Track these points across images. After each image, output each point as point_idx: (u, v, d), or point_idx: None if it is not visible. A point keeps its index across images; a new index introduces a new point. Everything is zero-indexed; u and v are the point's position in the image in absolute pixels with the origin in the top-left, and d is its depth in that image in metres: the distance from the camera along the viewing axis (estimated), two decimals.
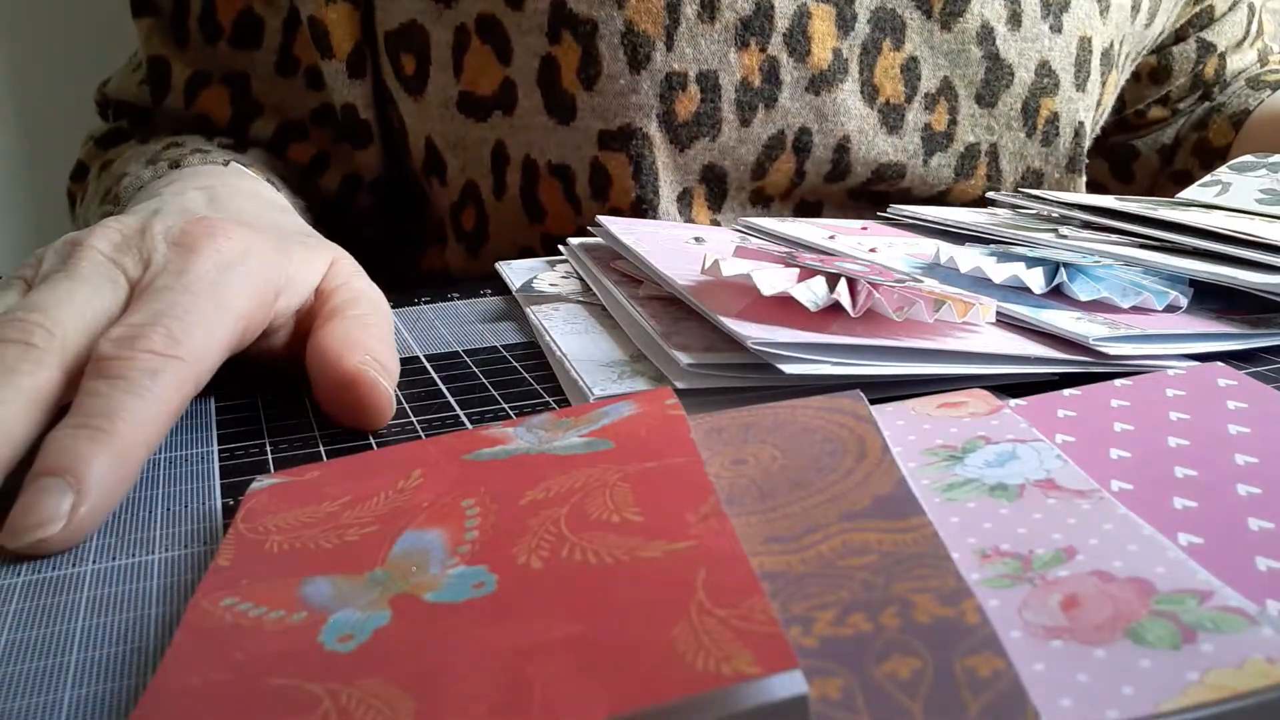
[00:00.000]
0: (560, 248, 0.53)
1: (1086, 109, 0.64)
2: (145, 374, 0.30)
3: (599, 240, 0.51)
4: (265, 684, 0.18)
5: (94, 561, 0.27)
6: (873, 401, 0.29)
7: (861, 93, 0.58)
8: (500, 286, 0.53)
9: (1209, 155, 0.74)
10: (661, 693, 0.16)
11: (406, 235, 0.69)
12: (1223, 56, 0.76)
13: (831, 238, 0.49)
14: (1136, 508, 0.23)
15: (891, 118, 0.59)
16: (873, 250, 0.47)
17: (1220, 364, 0.31)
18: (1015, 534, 0.22)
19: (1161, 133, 0.78)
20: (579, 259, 0.50)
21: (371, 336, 0.36)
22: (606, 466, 0.25)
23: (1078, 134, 0.64)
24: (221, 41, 0.61)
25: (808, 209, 0.62)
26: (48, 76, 0.71)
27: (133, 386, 0.29)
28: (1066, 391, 0.31)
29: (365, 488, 0.26)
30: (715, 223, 0.59)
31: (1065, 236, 0.47)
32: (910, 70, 0.59)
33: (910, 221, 0.56)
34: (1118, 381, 0.31)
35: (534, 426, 0.29)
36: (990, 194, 0.59)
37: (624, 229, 0.49)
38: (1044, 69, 0.61)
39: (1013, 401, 0.30)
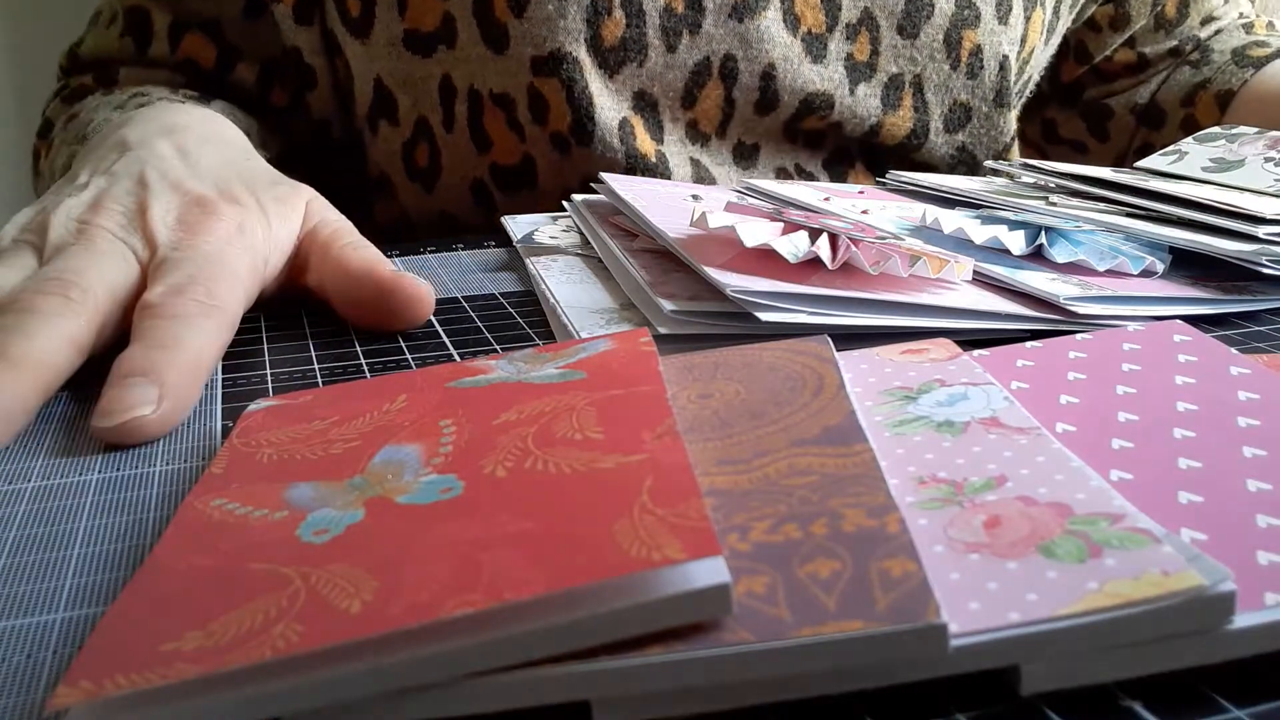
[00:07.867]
0: (564, 204, 0.54)
1: (1010, 43, 0.66)
2: (198, 315, 0.34)
3: (601, 197, 0.53)
4: (243, 567, 0.20)
5: (99, 471, 0.29)
6: (842, 349, 0.30)
7: (784, 21, 0.61)
8: (504, 239, 0.54)
9: None
10: (594, 573, 0.17)
11: (347, 192, 0.72)
12: None
13: (827, 199, 0.51)
14: (1076, 447, 0.25)
15: (814, 47, 0.62)
16: (864, 212, 0.48)
17: (1178, 322, 0.32)
18: (953, 464, 0.24)
19: (1135, 92, 0.79)
20: (580, 214, 0.51)
21: (375, 253, 0.41)
22: (576, 393, 0.26)
23: (1003, 67, 0.66)
24: None
25: (745, 151, 0.64)
26: (47, 70, 0.72)
27: (190, 323, 0.33)
28: (1029, 344, 0.32)
29: (353, 409, 0.28)
30: (661, 155, 0.62)
31: (1055, 204, 0.48)
32: (830, 1, 0.61)
33: (908, 188, 0.57)
34: (1079, 335, 0.32)
35: (515, 359, 0.30)
36: (989, 163, 0.60)
37: (625, 185, 0.50)
38: (964, 1, 0.63)
39: (976, 352, 0.31)
